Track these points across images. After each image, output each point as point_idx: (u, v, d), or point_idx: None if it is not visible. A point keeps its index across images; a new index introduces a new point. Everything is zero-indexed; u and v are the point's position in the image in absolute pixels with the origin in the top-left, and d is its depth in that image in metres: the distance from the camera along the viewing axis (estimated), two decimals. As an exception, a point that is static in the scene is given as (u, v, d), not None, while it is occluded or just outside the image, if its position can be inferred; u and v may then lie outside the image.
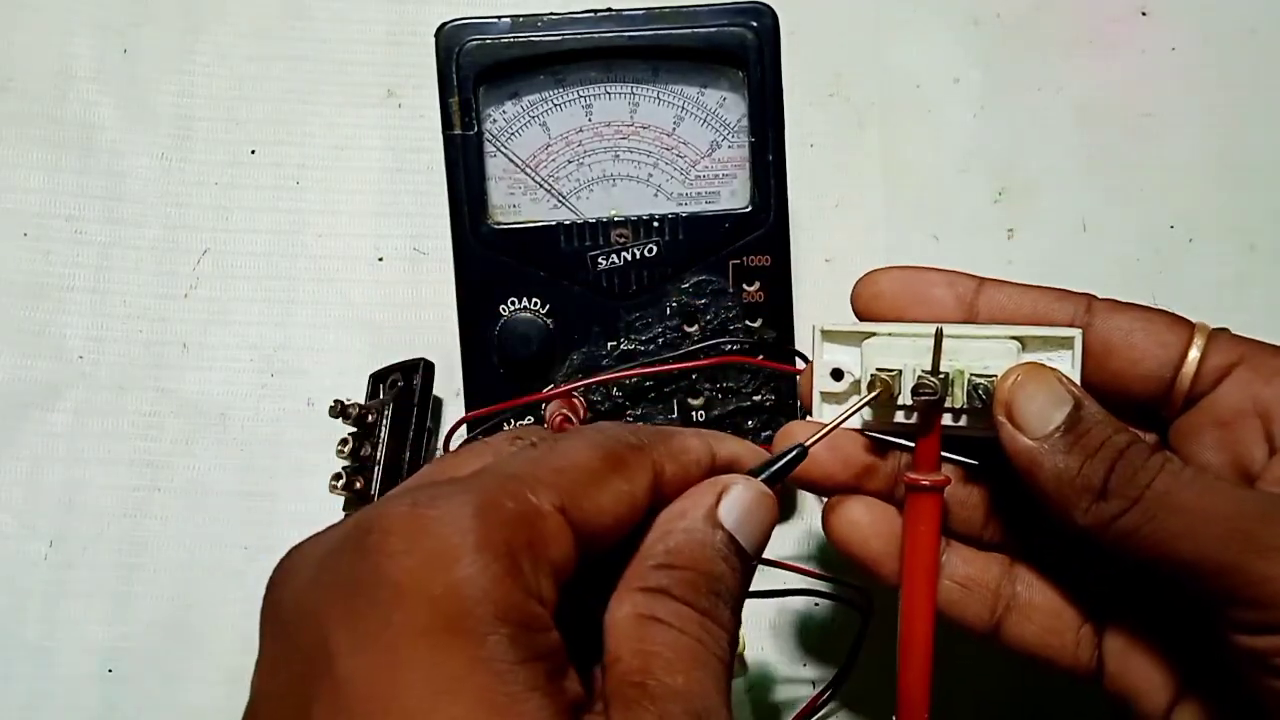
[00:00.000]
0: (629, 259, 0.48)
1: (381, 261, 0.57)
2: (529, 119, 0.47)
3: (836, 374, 0.39)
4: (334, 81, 0.58)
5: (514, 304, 0.48)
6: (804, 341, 0.48)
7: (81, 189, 0.56)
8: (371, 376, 0.54)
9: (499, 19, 0.46)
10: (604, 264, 0.48)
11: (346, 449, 0.49)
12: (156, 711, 0.52)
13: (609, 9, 0.46)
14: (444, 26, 0.46)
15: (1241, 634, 0.33)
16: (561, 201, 0.48)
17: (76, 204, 0.56)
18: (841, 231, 0.57)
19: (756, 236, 0.48)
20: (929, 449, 0.38)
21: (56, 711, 0.52)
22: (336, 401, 0.49)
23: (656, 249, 0.48)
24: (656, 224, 0.48)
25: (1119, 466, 0.34)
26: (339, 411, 0.49)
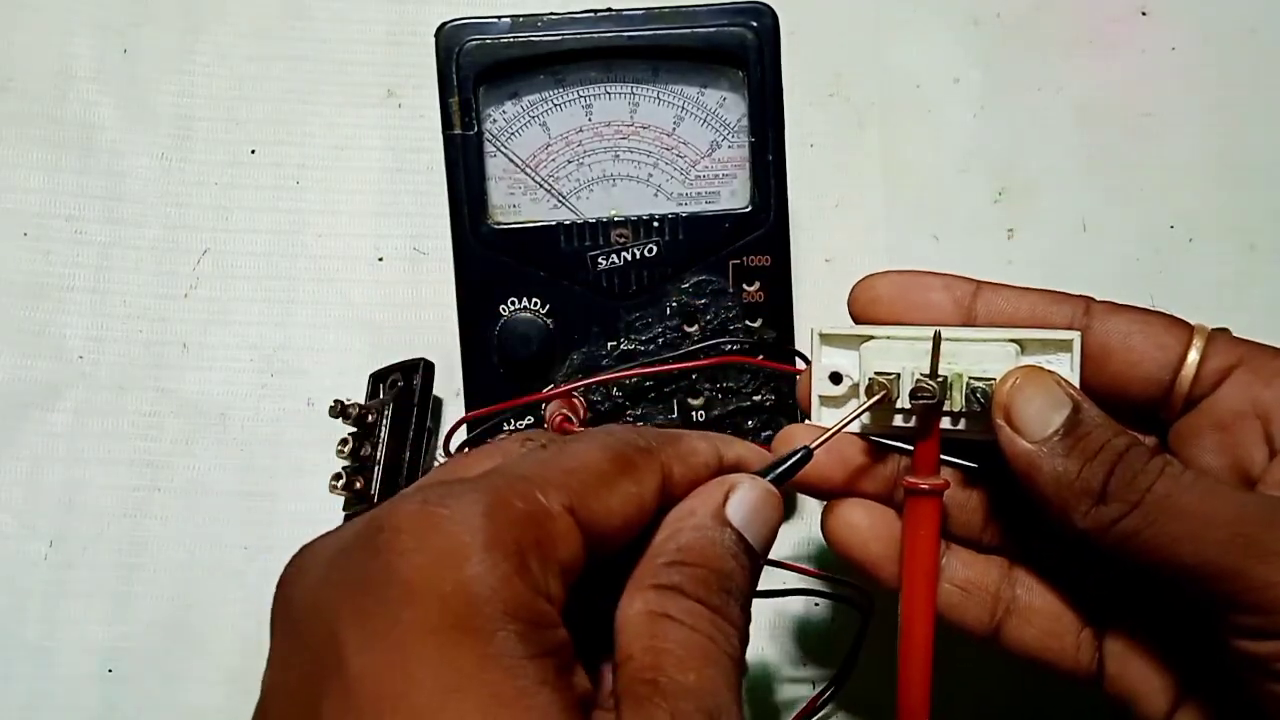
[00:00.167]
0: (629, 259, 0.48)
1: (381, 261, 0.57)
2: (529, 119, 0.47)
3: (835, 377, 0.39)
4: (334, 81, 0.58)
5: (514, 304, 0.48)
6: (804, 342, 0.48)
7: (81, 189, 0.56)
8: (371, 376, 0.54)
9: (499, 19, 0.46)
10: (604, 264, 0.48)
11: (346, 449, 0.49)
12: (156, 711, 0.52)
13: (609, 9, 0.46)
14: (444, 26, 0.46)
15: (1243, 639, 0.33)
16: (561, 201, 0.48)
17: (76, 204, 0.56)
18: (841, 231, 0.57)
19: (756, 236, 0.48)
20: (928, 452, 0.38)
21: (56, 711, 0.52)
22: (336, 401, 0.49)
23: (656, 249, 0.48)
24: (656, 224, 0.48)
25: (1119, 469, 0.34)
26: (339, 411, 0.49)
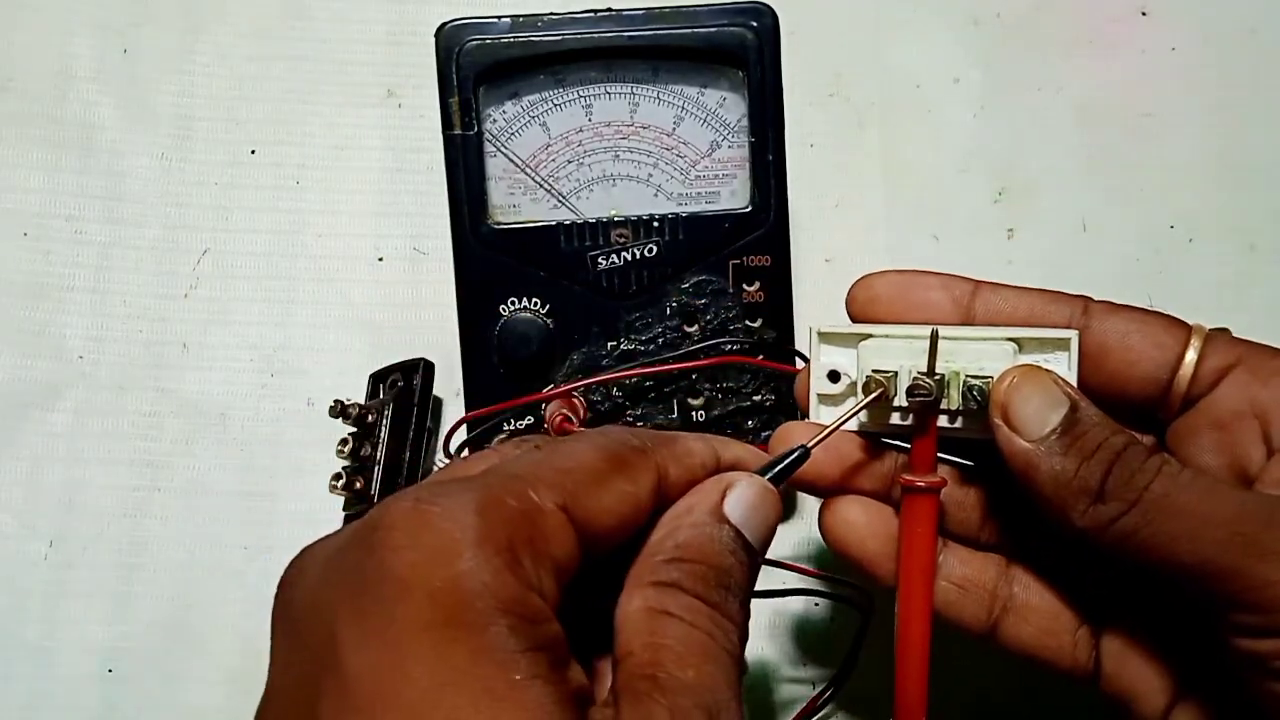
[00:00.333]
0: (629, 259, 0.48)
1: (381, 261, 0.57)
2: (529, 119, 0.47)
3: (833, 376, 0.39)
4: (334, 81, 0.58)
5: (514, 304, 0.48)
6: (803, 341, 0.48)
7: (81, 189, 0.56)
8: (371, 376, 0.54)
9: (499, 19, 0.46)
10: (604, 264, 0.48)
11: (346, 449, 0.49)
12: (156, 711, 0.52)
13: (609, 9, 0.46)
14: (444, 26, 0.46)
15: (1242, 637, 0.33)
16: (561, 201, 0.48)
17: (76, 204, 0.56)
18: (841, 231, 0.57)
19: (756, 236, 0.48)
20: (925, 450, 0.38)
21: (56, 711, 0.52)
22: (336, 401, 0.49)
23: (656, 249, 0.48)
24: (656, 224, 0.48)
25: (1116, 468, 0.34)
26: (339, 411, 0.49)
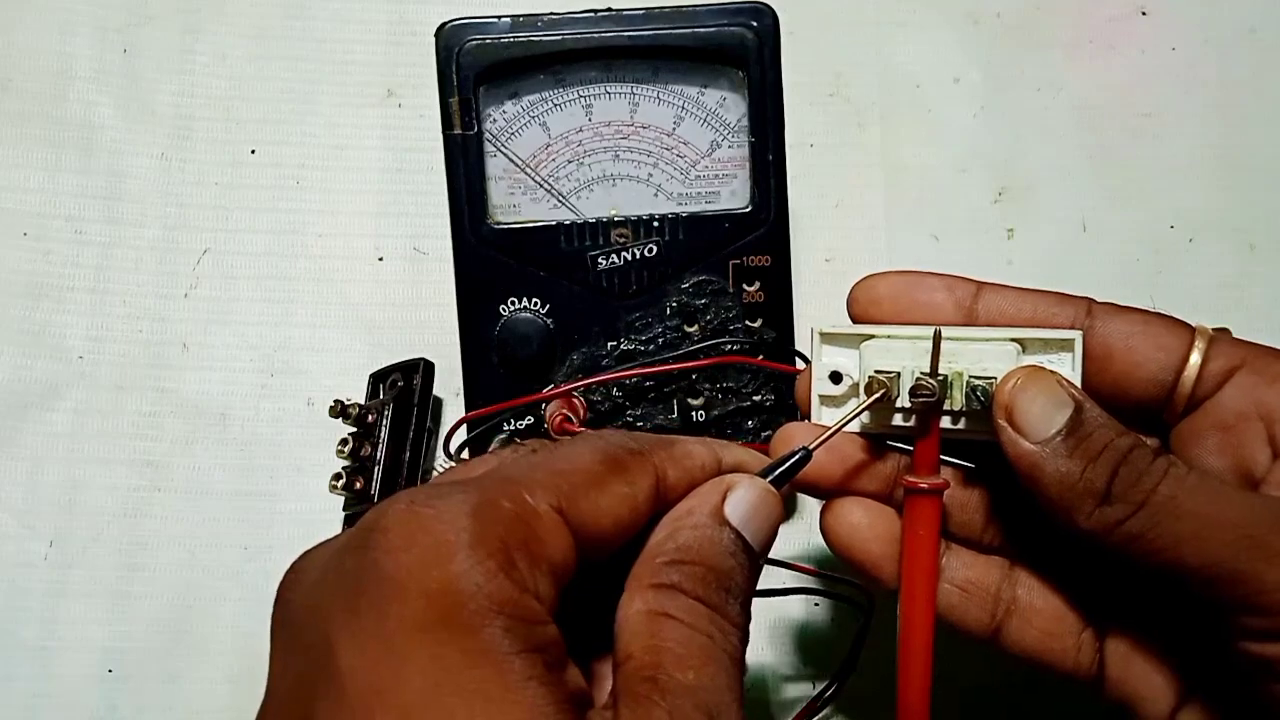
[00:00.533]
0: (629, 259, 0.48)
1: (381, 261, 0.57)
2: (529, 119, 0.47)
3: (835, 377, 0.39)
4: (334, 81, 0.58)
5: (514, 304, 0.48)
6: (804, 341, 0.48)
7: (81, 189, 0.56)
8: (371, 376, 0.54)
9: (499, 19, 0.46)
10: (604, 264, 0.48)
11: (346, 449, 0.49)
12: (156, 711, 0.52)
13: (609, 9, 0.46)
14: (444, 26, 0.46)
15: (1248, 641, 0.33)
16: (561, 201, 0.48)
17: (76, 204, 0.56)
18: (841, 231, 0.57)
19: (756, 236, 0.48)
20: (928, 451, 0.37)
21: (56, 711, 0.52)
22: (336, 401, 0.49)
23: (656, 249, 0.48)
24: (656, 224, 0.47)
25: (1122, 470, 0.33)
26: (339, 411, 0.49)
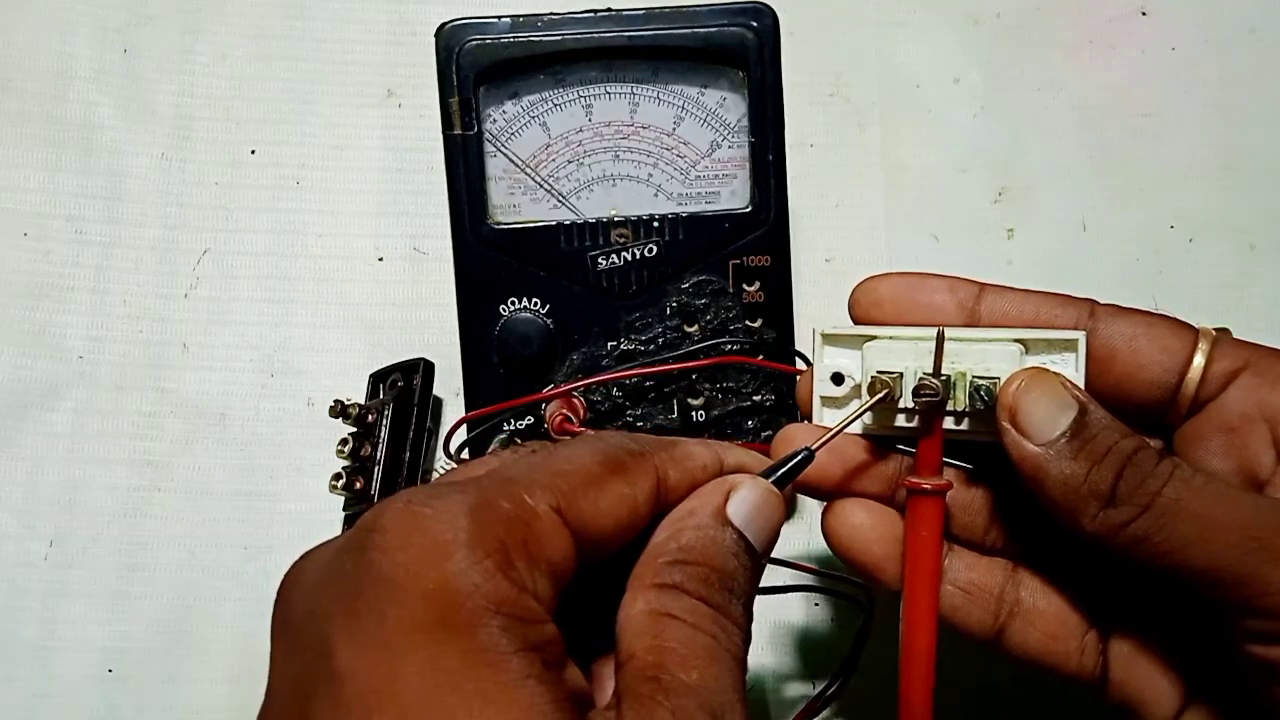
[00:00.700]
0: (629, 259, 0.48)
1: (381, 261, 0.56)
2: (529, 119, 0.47)
3: (837, 378, 0.39)
4: (334, 81, 0.58)
5: (514, 304, 0.48)
6: (804, 341, 0.48)
7: (81, 189, 0.56)
8: (371, 376, 0.54)
9: (499, 19, 0.46)
10: (604, 264, 0.48)
11: (346, 449, 0.49)
12: (156, 711, 0.52)
13: (609, 9, 0.46)
14: (444, 26, 0.46)
15: (1253, 644, 0.33)
16: (561, 201, 0.48)
17: (76, 204, 0.56)
18: (841, 231, 0.57)
19: (756, 236, 0.48)
20: (930, 452, 0.37)
21: (56, 711, 0.52)
22: (336, 401, 0.49)
23: (656, 249, 0.48)
24: (656, 224, 0.47)
25: (1127, 472, 0.33)
26: (339, 411, 0.49)
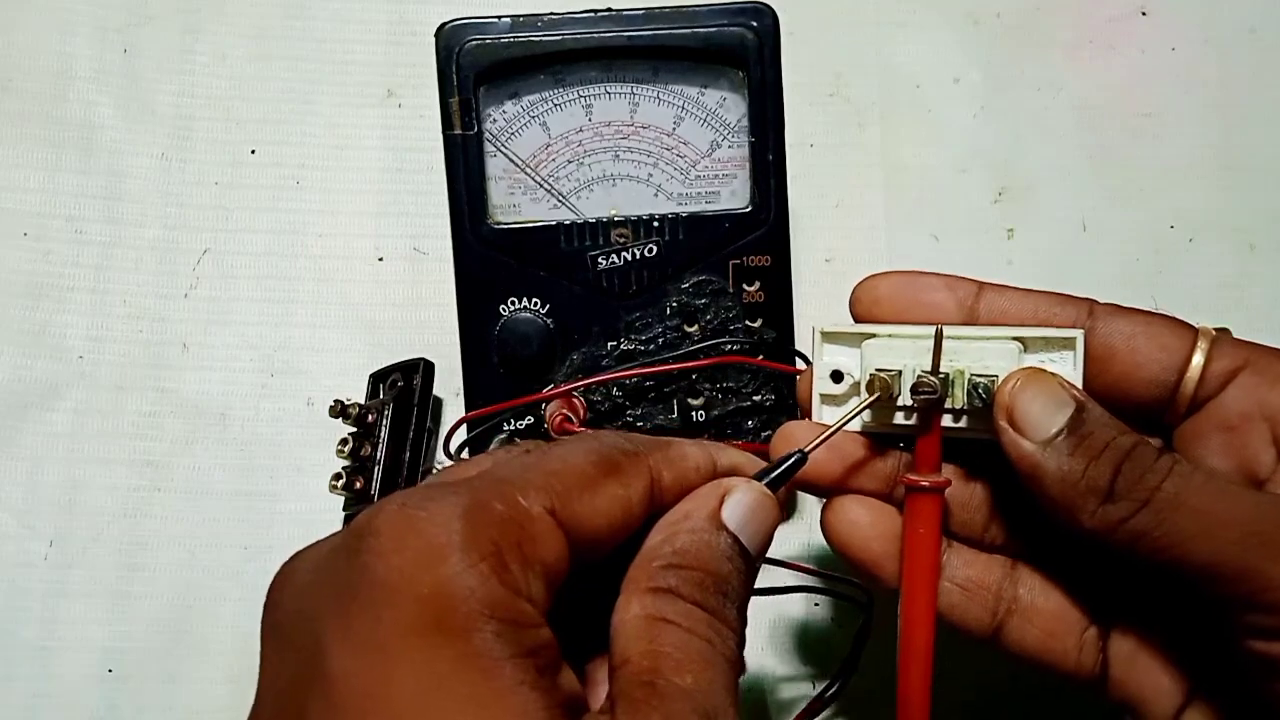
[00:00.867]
0: (629, 259, 0.48)
1: (381, 261, 0.56)
2: (529, 119, 0.47)
3: (836, 376, 0.39)
4: (334, 81, 0.58)
5: (514, 304, 0.48)
6: (804, 341, 0.48)
7: (81, 189, 0.56)
8: (371, 376, 0.54)
9: (499, 19, 0.46)
10: (604, 264, 0.48)
11: (346, 449, 0.49)
12: (156, 711, 0.52)
13: (609, 9, 0.46)
14: (444, 26, 0.46)
15: (1255, 640, 0.33)
16: (561, 201, 0.48)
17: (76, 204, 0.56)
18: (841, 231, 0.57)
19: (756, 236, 0.48)
20: (929, 450, 0.37)
21: (56, 711, 0.52)
22: (336, 401, 0.49)
23: (656, 249, 0.48)
24: (656, 224, 0.47)
25: (1126, 467, 0.33)
26: (339, 411, 0.49)
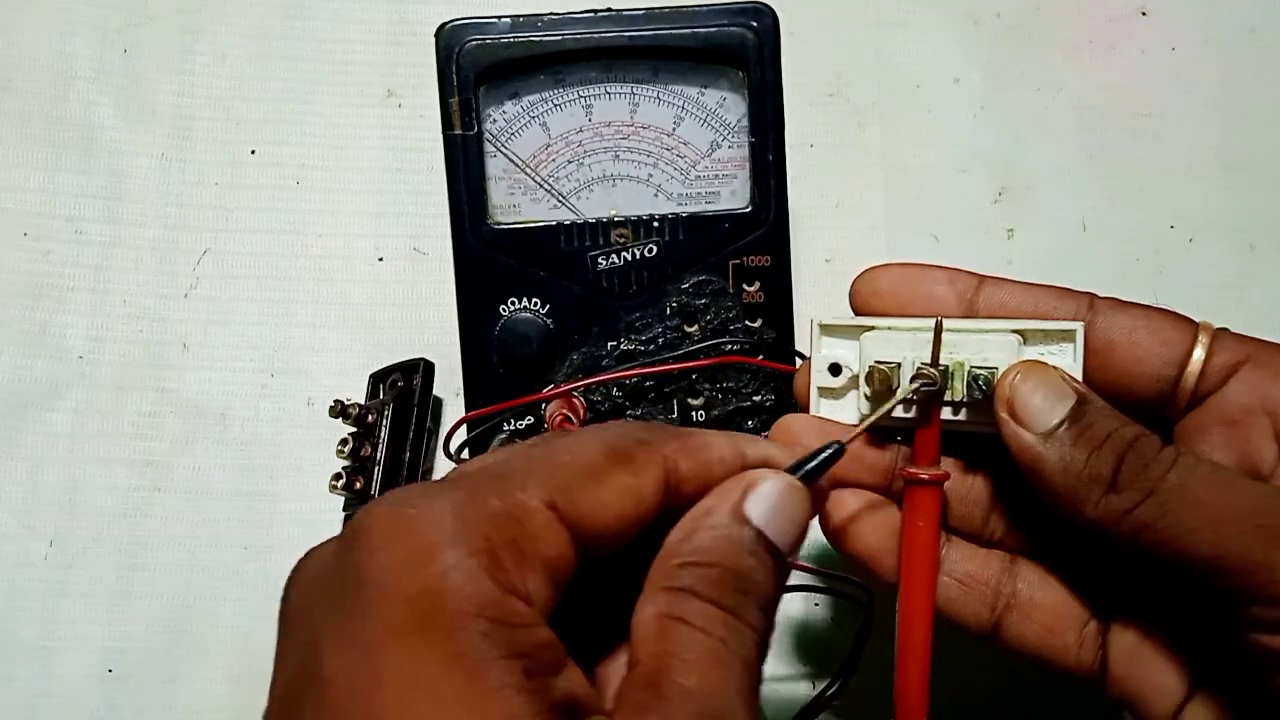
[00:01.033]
0: (629, 259, 0.48)
1: (381, 261, 0.57)
2: (529, 119, 0.47)
3: (834, 369, 0.39)
4: (334, 81, 0.58)
5: (514, 304, 0.48)
6: (804, 341, 0.47)
7: (81, 189, 0.56)
8: (371, 376, 0.54)
9: (499, 19, 0.46)
10: (604, 264, 0.48)
11: (346, 449, 0.49)
12: (156, 711, 0.52)
13: (609, 9, 0.46)
14: (444, 26, 0.46)
15: (1260, 633, 0.32)
16: (561, 201, 0.48)
17: (76, 204, 0.56)
18: (841, 231, 0.57)
19: (756, 236, 0.48)
20: (928, 442, 0.37)
21: (56, 711, 0.52)
22: (336, 401, 0.49)
23: (656, 249, 0.48)
24: (656, 224, 0.47)
25: (1129, 458, 0.33)
26: (339, 411, 0.49)
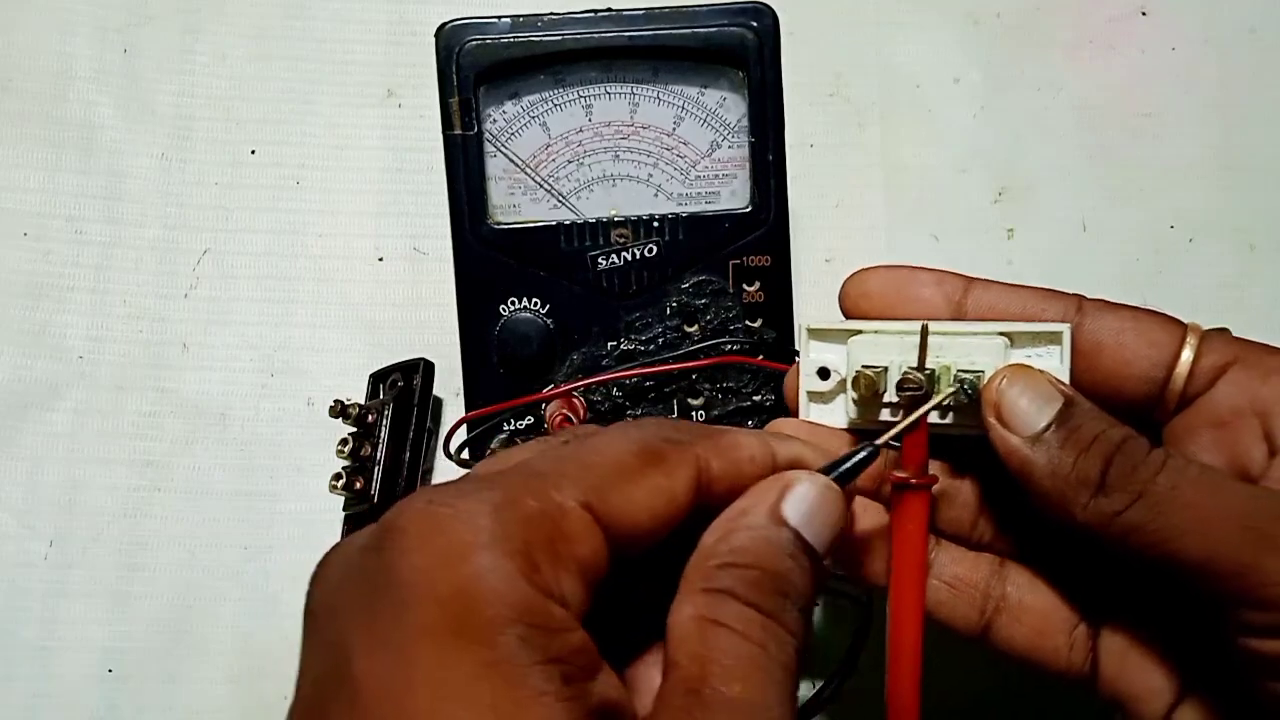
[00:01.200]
0: (629, 259, 0.48)
1: (381, 261, 0.57)
2: (529, 119, 0.47)
3: (823, 373, 0.39)
4: (334, 81, 0.58)
5: (514, 304, 0.48)
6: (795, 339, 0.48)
7: (81, 189, 0.56)
8: (371, 376, 0.54)
9: (499, 19, 0.46)
10: (604, 264, 0.48)
11: (346, 449, 0.49)
12: (156, 711, 0.52)
13: (609, 9, 0.46)
14: (444, 26, 0.46)
15: (1250, 636, 0.32)
16: (561, 201, 0.48)
17: (76, 204, 0.56)
18: (841, 231, 0.57)
19: (756, 236, 0.48)
20: (916, 447, 0.37)
21: (56, 711, 0.52)
22: (336, 401, 0.49)
23: (656, 249, 0.48)
24: (656, 224, 0.47)
25: (1117, 460, 0.33)
26: (339, 411, 0.49)
